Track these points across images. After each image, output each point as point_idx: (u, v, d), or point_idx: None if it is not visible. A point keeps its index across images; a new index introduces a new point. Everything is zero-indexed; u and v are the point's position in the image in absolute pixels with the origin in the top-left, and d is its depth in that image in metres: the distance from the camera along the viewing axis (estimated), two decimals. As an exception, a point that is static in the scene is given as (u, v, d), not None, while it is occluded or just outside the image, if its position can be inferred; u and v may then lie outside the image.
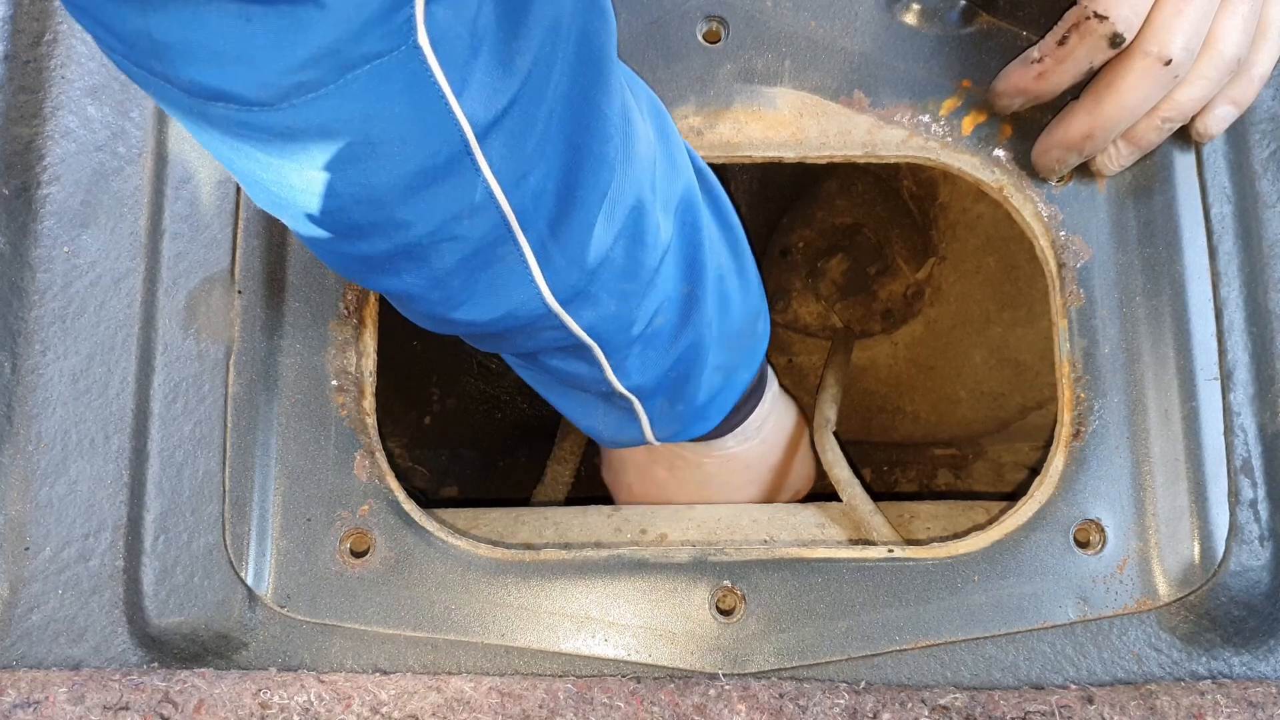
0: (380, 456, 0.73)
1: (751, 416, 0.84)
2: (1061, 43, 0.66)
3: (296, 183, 0.49)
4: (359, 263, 0.55)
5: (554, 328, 0.61)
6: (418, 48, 0.44)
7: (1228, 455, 0.71)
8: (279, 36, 0.42)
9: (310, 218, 0.52)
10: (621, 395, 0.71)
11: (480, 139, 0.49)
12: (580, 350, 0.65)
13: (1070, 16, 0.65)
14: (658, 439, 0.77)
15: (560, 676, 0.69)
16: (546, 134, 0.52)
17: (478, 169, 0.50)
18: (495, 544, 0.73)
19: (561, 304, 0.59)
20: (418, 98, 0.46)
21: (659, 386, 0.71)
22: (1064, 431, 0.73)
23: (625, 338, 0.65)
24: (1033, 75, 0.69)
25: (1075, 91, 0.70)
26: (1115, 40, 0.63)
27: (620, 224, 0.58)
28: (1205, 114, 0.70)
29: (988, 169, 0.75)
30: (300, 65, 0.43)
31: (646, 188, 0.60)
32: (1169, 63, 0.64)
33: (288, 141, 0.46)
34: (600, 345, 0.64)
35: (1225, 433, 0.72)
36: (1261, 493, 0.71)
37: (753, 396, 0.83)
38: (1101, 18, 0.63)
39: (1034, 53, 0.69)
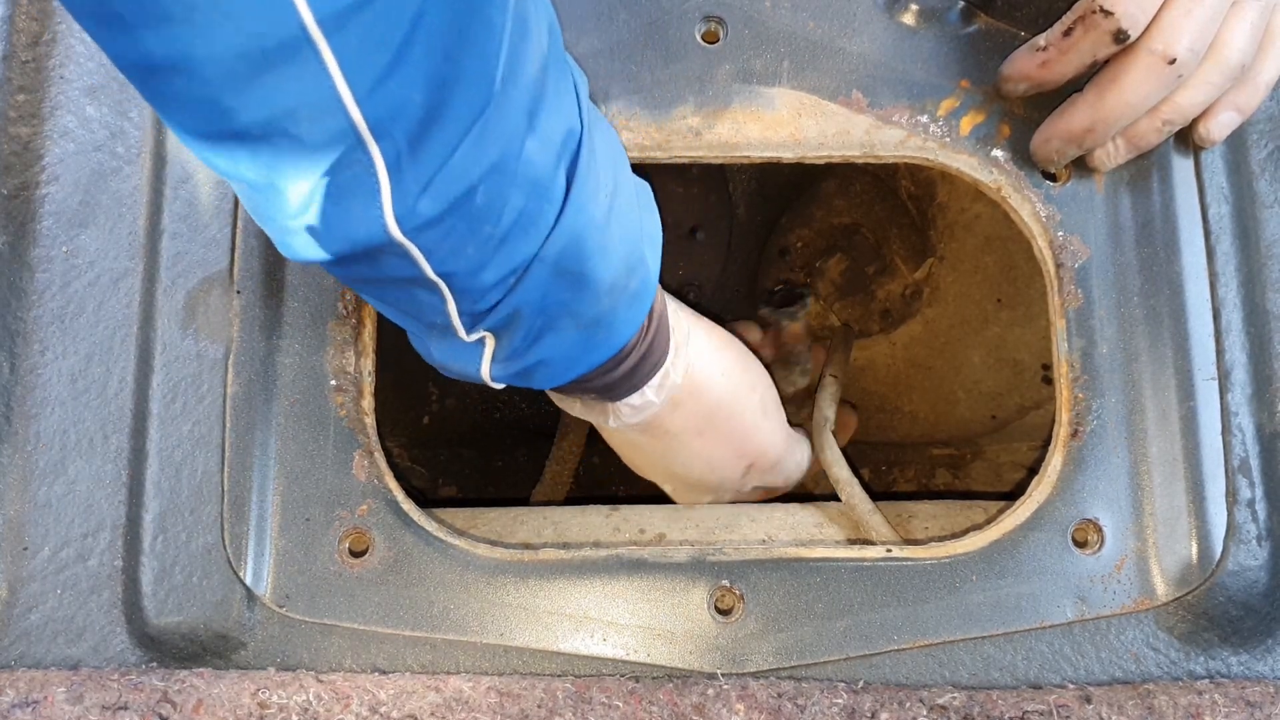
0: (379, 456, 0.73)
1: (653, 378, 0.72)
2: (1067, 34, 0.66)
3: (104, 38, 0.44)
4: (195, 138, 0.49)
5: (398, 256, 0.54)
6: None
7: (1225, 455, 0.72)
8: None
9: (133, 70, 0.46)
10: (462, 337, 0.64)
11: (326, 29, 0.43)
12: (424, 284, 0.57)
13: (1078, 8, 0.65)
14: (494, 380, 0.67)
15: (559, 676, 0.69)
16: (416, 35, 0.46)
17: (321, 64, 0.44)
18: (494, 544, 0.73)
19: (407, 234, 0.52)
20: None
21: (507, 331, 0.63)
22: (1062, 431, 0.73)
23: (478, 284, 0.58)
24: (1037, 63, 0.69)
25: (1079, 83, 0.70)
26: (1119, 36, 0.63)
27: (493, 157, 0.52)
28: (1208, 118, 0.70)
29: (986, 169, 0.75)
30: None
31: (525, 119, 0.53)
32: (1173, 62, 0.64)
33: None
34: (449, 286, 0.57)
35: (1223, 432, 0.72)
36: (1259, 492, 0.71)
37: (636, 354, 0.70)
38: (1107, 13, 0.63)
39: (1040, 40, 0.69)
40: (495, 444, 1.24)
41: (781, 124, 0.75)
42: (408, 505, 0.72)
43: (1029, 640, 0.70)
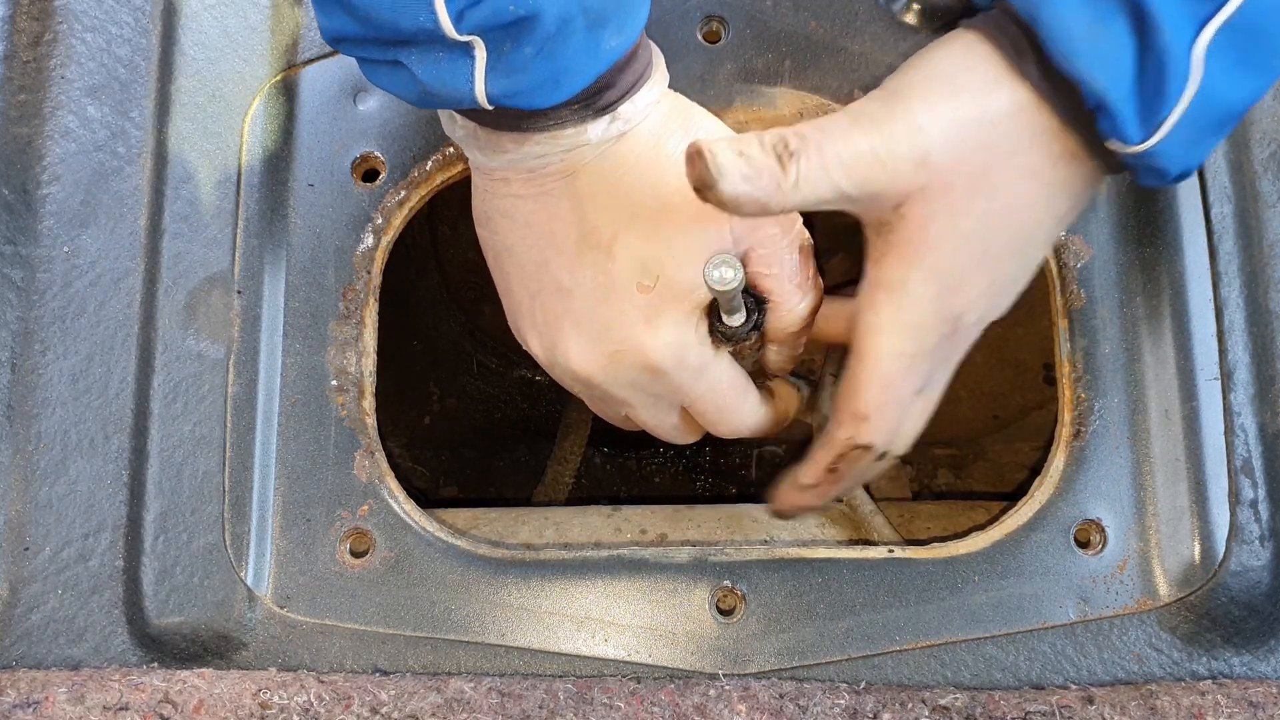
0: (380, 456, 0.73)
1: (652, 78, 0.64)
2: (833, 470, 0.67)
3: None
4: None
5: None
6: None
7: (1228, 455, 0.71)
8: None
9: None
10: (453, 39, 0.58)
11: None
12: None
13: (836, 445, 0.66)
14: (490, 96, 0.59)
15: (560, 677, 0.69)
16: None
17: None
18: (495, 544, 0.73)
19: None
20: None
21: (498, 19, 0.56)
22: (1064, 431, 0.73)
23: None
24: (811, 497, 0.71)
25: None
26: (881, 456, 0.67)
27: None
28: None
29: (988, 169, 0.75)
30: None
31: None
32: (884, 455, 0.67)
33: None
34: None
35: (1225, 433, 0.72)
36: (1262, 493, 0.71)
37: (628, 74, 0.63)
38: (867, 447, 0.65)
39: (804, 479, 0.69)
40: (496, 444, 1.25)
41: (783, 124, 0.75)
42: (409, 505, 0.72)
43: (1031, 641, 0.70)
